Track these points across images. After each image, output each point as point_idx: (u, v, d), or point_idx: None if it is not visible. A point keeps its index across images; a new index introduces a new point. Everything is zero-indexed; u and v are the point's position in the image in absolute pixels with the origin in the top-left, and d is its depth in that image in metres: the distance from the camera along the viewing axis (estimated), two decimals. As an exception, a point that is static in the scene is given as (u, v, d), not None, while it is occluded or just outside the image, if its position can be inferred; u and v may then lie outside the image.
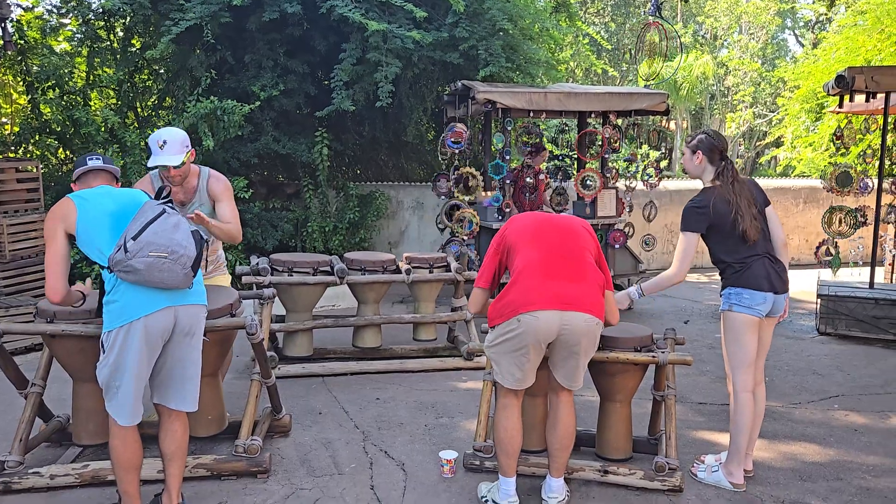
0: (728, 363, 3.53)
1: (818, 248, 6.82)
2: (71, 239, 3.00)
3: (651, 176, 7.85)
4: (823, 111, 11.85)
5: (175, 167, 3.66)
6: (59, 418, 3.87)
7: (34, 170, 6.44)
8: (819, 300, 6.51)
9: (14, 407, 4.25)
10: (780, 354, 5.87)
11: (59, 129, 7.39)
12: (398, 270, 5.36)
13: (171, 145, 3.64)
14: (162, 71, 8.95)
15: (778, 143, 16.53)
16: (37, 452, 3.76)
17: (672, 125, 22.99)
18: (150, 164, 3.66)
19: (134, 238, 2.76)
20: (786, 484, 3.59)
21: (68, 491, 3.40)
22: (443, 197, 7.95)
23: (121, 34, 8.74)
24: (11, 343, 5.54)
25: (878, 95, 6.37)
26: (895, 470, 3.76)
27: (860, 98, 6.52)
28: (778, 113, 17.02)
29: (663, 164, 17.22)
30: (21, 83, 7.87)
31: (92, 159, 3.21)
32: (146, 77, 8.99)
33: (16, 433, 3.47)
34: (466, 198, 7.39)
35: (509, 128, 7.07)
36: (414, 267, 5.44)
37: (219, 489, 3.45)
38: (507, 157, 7.05)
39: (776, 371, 5.43)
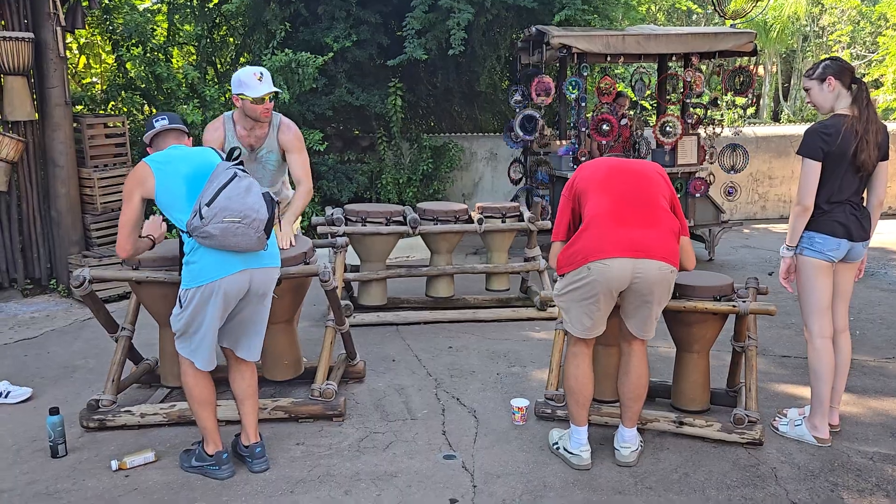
0: (803, 310, 3.38)
1: None
2: (148, 202, 3.12)
3: (736, 120, 7.47)
4: (930, 48, 10.96)
5: (272, 97, 3.75)
6: (148, 361, 4.08)
7: (121, 125, 6.68)
8: (919, 251, 6.11)
9: (108, 351, 4.49)
10: (873, 307, 5.57)
11: (143, 85, 7.62)
12: (471, 220, 5.33)
13: (266, 77, 3.74)
14: (238, 25, 9.07)
15: (877, 85, 15.45)
16: (129, 393, 3.99)
17: (761, 70, 21.78)
18: (254, 95, 3.70)
19: (208, 204, 2.83)
20: (875, 440, 3.43)
21: (157, 429, 3.59)
22: (517, 146, 7.82)
23: (198, -10, 8.87)
24: (105, 291, 5.84)
25: None
26: None
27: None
28: (878, 52, 15.86)
29: (750, 110, 16.40)
30: (108, 42, 8.13)
31: (158, 120, 3.29)
32: (224, 33, 9.13)
33: (108, 374, 3.68)
34: (542, 148, 7.25)
35: (585, 73, 6.84)
36: (486, 217, 5.40)
37: (296, 431, 3.57)
38: (584, 105, 6.84)
39: (869, 325, 5.16)
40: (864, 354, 4.53)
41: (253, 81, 3.70)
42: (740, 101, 10.09)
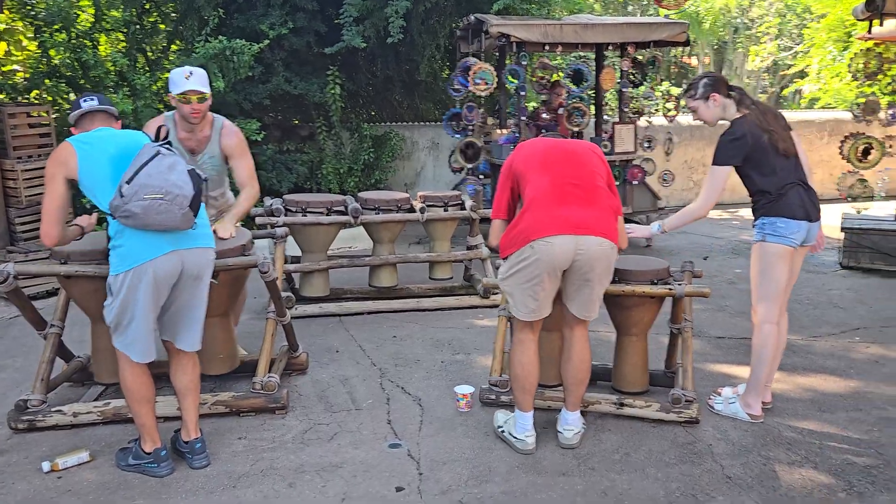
0: (755, 294, 3.46)
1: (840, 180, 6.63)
2: (72, 184, 2.99)
3: (670, 110, 7.65)
4: (851, 39, 11.44)
5: (200, 98, 3.63)
6: (79, 358, 3.93)
7: (46, 115, 6.40)
8: (843, 233, 6.38)
9: (36, 350, 4.31)
10: (800, 289, 5.79)
11: (68, 73, 7.31)
12: (413, 209, 5.31)
13: (196, 76, 3.63)
14: (170, 11, 8.78)
15: (803, 75, 16.03)
16: (60, 392, 3.84)
17: (694, 60, 22.31)
18: (176, 92, 3.61)
19: (128, 182, 2.73)
20: (804, 415, 3.58)
21: (91, 428, 3.46)
22: (457, 136, 7.82)
23: (126, -27, 8.54)
24: (33, 287, 5.60)
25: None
26: (916, 400, 3.73)
27: (891, 23, 6.25)
28: (803, 44, 16.46)
29: (683, 102, 16.79)
30: (29, 28, 7.76)
31: (86, 100, 3.15)
32: (154, 19, 8.82)
33: (37, 373, 3.53)
34: (482, 136, 7.26)
35: (524, 63, 6.88)
36: (428, 205, 5.38)
37: (238, 425, 3.50)
38: (523, 94, 6.88)
39: (796, 305, 5.36)
40: (792, 334, 4.69)
41: (180, 79, 3.61)
42: (675, 91, 10.34)
